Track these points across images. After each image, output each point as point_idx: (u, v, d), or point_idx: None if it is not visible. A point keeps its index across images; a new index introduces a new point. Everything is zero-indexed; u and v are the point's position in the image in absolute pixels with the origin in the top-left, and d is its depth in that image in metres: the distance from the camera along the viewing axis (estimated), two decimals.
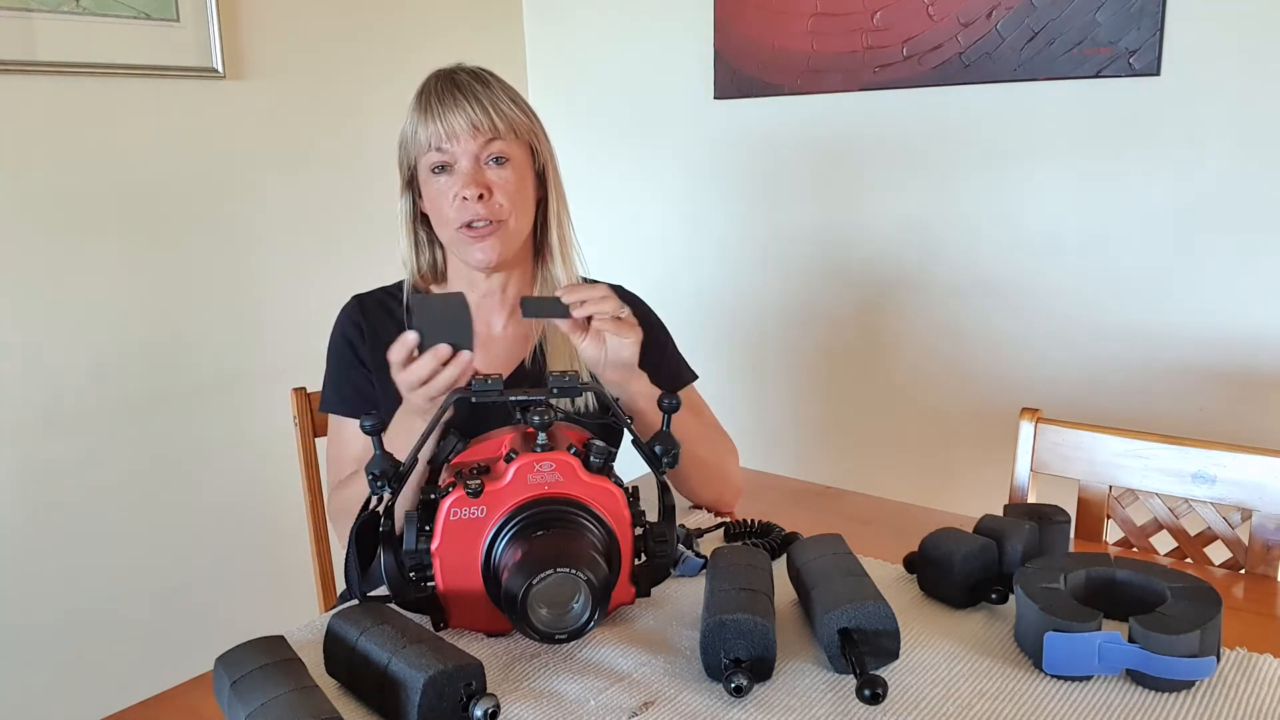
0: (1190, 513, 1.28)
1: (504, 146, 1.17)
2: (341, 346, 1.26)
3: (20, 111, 1.63)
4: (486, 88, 1.17)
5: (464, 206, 1.15)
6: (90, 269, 1.74)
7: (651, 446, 0.98)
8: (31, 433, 1.70)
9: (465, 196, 1.14)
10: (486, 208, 1.15)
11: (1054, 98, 1.72)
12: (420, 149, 1.17)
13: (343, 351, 1.25)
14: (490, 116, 1.15)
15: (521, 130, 1.19)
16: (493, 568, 0.89)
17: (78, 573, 1.75)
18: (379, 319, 1.25)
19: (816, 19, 1.95)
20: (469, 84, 1.16)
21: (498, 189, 1.16)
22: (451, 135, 1.15)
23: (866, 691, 0.80)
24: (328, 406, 1.26)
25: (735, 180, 2.16)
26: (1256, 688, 0.83)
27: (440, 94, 1.16)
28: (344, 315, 1.27)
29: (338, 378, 1.26)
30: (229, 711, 0.76)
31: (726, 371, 2.22)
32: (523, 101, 1.21)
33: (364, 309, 1.26)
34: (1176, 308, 1.67)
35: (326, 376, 1.27)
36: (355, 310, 1.27)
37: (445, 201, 1.16)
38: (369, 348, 1.23)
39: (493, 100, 1.16)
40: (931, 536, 1.01)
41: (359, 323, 1.25)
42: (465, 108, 1.14)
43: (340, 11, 2.04)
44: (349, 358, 1.24)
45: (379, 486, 0.92)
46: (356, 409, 1.23)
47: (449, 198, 1.16)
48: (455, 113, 1.14)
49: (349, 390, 1.24)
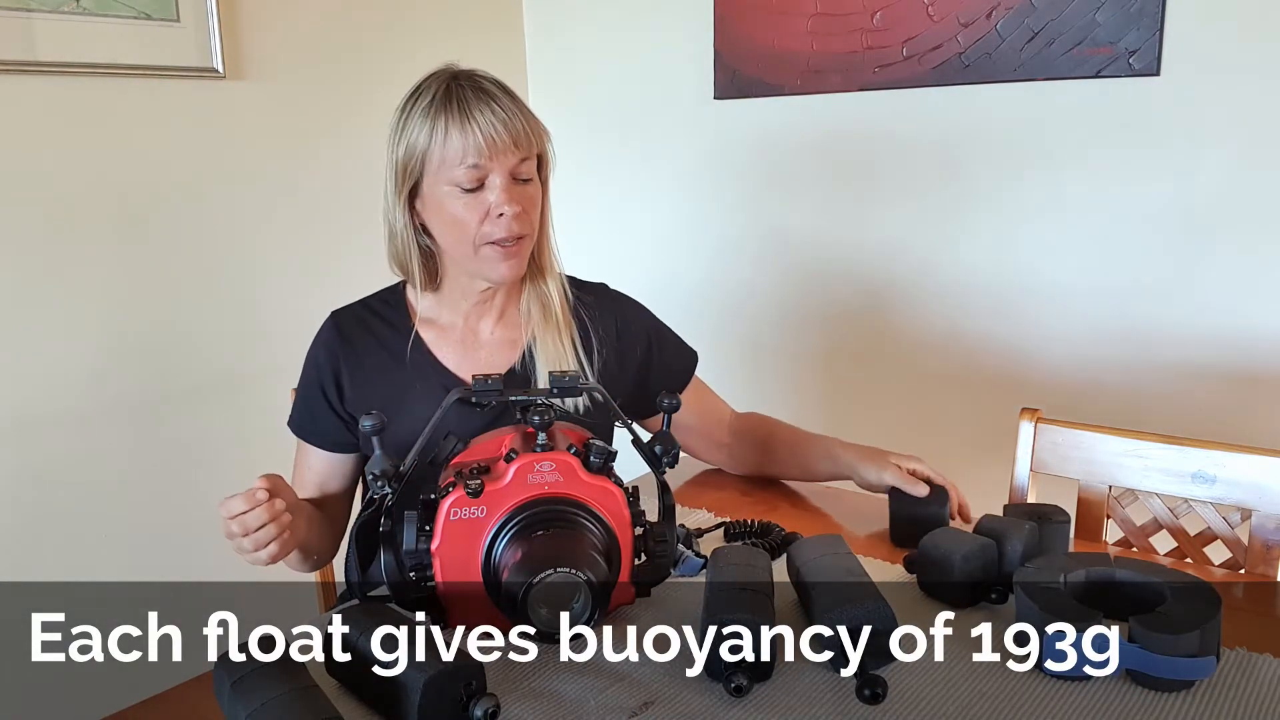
0: (1190, 513, 1.28)
1: (531, 165, 1.14)
2: (311, 371, 1.23)
3: (20, 111, 1.63)
4: (509, 96, 1.12)
5: (499, 223, 1.11)
6: (90, 268, 1.74)
7: (651, 446, 0.98)
8: (31, 432, 1.70)
9: (504, 213, 1.10)
10: (520, 223, 1.12)
11: (1054, 98, 1.72)
12: (448, 161, 1.10)
13: (311, 378, 1.23)
14: (528, 129, 1.11)
15: (539, 141, 1.15)
16: (493, 567, 0.89)
17: (77, 573, 1.75)
18: (357, 337, 1.22)
19: (816, 19, 1.95)
20: (498, 93, 1.11)
21: (528, 205, 1.13)
22: (493, 148, 1.09)
23: (866, 691, 0.80)
24: (292, 424, 1.25)
25: (735, 180, 2.16)
26: (1256, 688, 0.83)
27: (467, 104, 1.09)
28: (320, 339, 1.23)
29: (302, 401, 1.24)
30: (229, 711, 0.76)
31: (726, 371, 2.21)
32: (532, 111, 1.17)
33: (340, 332, 1.22)
34: (1176, 307, 1.67)
35: (297, 394, 1.25)
36: (331, 334, 1.22)
37: (473, 216, 1.11)
38: (346, 374, 1.20)
39: (521, 111, 1.12)
40: (931, 536, 1.01)
41: (334, 350, 1.21)
42: (507, 119, 1.09)
43: (340, 11, 2.04)
44: (314, 387, 1.22)
45: (379, 486, 0.92)
46: (312, 438, 1.23)
47: (479, 213, 1.11)
48: (498, 125, 1.08)
49: (307, 417, 1.23)
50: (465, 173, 1.10)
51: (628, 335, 1.29)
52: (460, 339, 1.23)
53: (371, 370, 1.21)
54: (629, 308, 1.32)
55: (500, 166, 1.10)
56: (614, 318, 1.28)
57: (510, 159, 1.11)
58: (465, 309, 1.22)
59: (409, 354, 1.20)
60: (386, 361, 1.21)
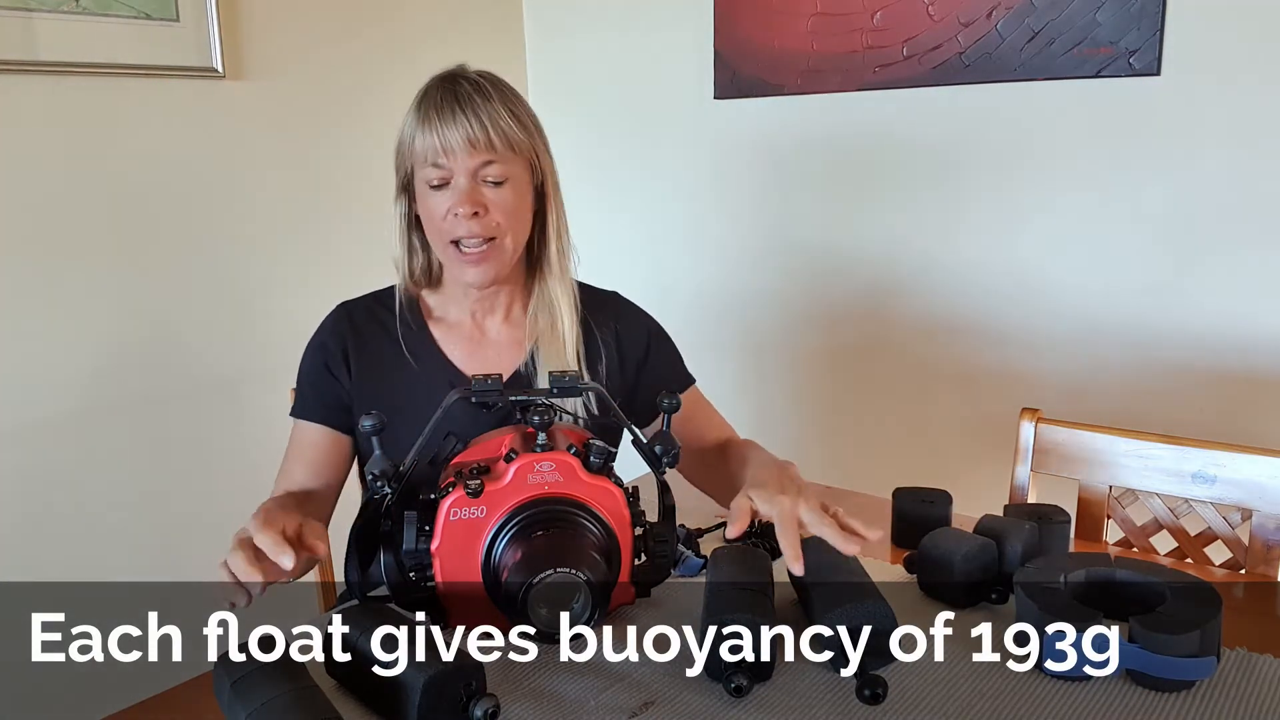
0: (1190, 513, 1.28)
1: (501, 169, 1.13)
2: (316, 354, 1.23)
3: (20, 111, 1.63)
4: (487, 101, 1.13)
5: (456, 223, 1.13)
6: (90, 268, 1.74)
7: (651, 446, 0.98)
8: (31, 433, 1.70)
9: (458, 213, 1.12)
10: (481, 224, 1.13)
11: (1054, 98, 1.72)
12: (417, 159, 1.14)
13: (315, 359, 1.23)
14: (488, 133, 1.12)
15: (521, 147, 1.15)
16: (493, 568, 0.89)
17: (77, 573, 1.75)
18: (368, 329, 1.23)
19: (816, 19, 1.95)
20: (469, 96, 1.12)
21: (494, 207, 1.13)
22: (449, 150, 1.11)
23: (867, 691, 0.80)
24: (292, 412, 1.25)
25: (735, 180, 2.16)
26: (1256, 688, 0.83)
27: (440, 105, 1.12)
28: (327, 325, 1.25)
29: (303, 384, 1.24)
30: (229, 711, 0.76)
31: (726, 371, 2.22)
32: (524, 113, 1.17)
33: (351, 320, 1.24)
34: (1176, 307, 1.67)
35: (298, 381, 1.25)
36: (341, 321, 1.24)
37: (438, 214, 1.14)
38: (355, 360, 1.21)
39: (492, 115, 1.12)
40: (931, 536, 1.01)
41: (343, 334, 1.22)
42: (463, 123, 1.11)
43: (340, 11, 2.04)
44: (319, 366, 1.22)
45: (379, 486, 0.92)
46: (314, 414, 1.22)
47: (442, 212, 1.14)
48: (453, 128, 1.11)
49: (310, 397, 1.23)
50: (431, 171, 1.13)
51: (628, 340, 1.28)
52: (468, 336, 1.24)
53: (379, 361, 1.21)
54: (632, 314, 1.32)
55: (460, 167, 1.12)
56: (615, 323, 1.28)
57: (470, 161, 1.12)
58: (469, 305, 1.23)
59: (418, 349, 1.22)
60: (394, 354, 1.21)
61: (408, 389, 1.20)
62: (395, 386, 1.20)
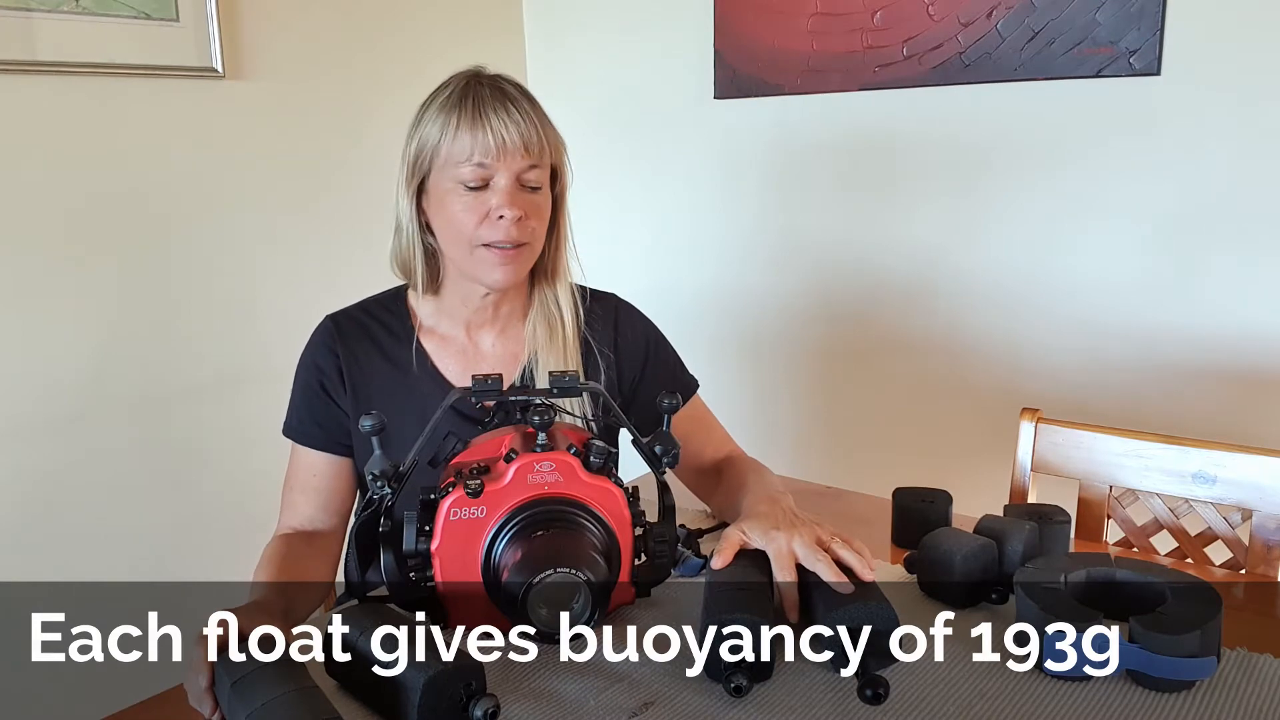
0: (1190, 513, 1.28)
1: (540, 173, 1.12)
2: (309, 374, 1.19)
3: (20, 111, 1.63)
4: (532, 105, 1.11)
5: (497, 226, 1.09)
6: (89, 268, 1.74)
7: (651, 446, 0.97)
8: (31, 433, 1.70)
9: (503, 215, 1.08)
10: (519, 229, 1.10)
11: (1054, 98, 1.72)
12: (454, 158, 1.09)
13: (309, 380, 1.19)
14: (541, 137, 1.10)
15: (556, 153, 1.14)
16: (493, 568, 0.89)
17: (77, 573, 1.75)
18: (356, 342, 1.19)
19: (816, 19, 1.95)
20: (516, 97, 1.10)
21: (531, 211, 1.11)
22: (501, 149, 1.07)
23: (868, 691, 0.80)
24: (288, 431, 1.21)
25: (735, 180, 2.16)
26: (1256, 688, 0.83)
27: (491, 102, 1.08)
28: (317, 340, 1.20)
29: (300, 405, 1.20)
30: (229, 711, 0.76)
31: (727, 371, 2.22)
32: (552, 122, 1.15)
33: (340, 332, 1.19)
34: (1176, 307, 1.67)
35: (292, 400, 1.21)
36: (330, 335, 1.19)
37: (472, 217, 1.10)
38: (346, 375, 1.17)
39: (541, 119, 1.11)
40: (931, 536, 1.01)
41: (334, 350, 1.18)
42: (518, 122, 1.07)
43: (340, 12, 2.04)
44: (314, 388, 1.18)
45: (379, 487, 0.92)
46: (315, 441, 1.18)
47: (479, 213, 1.09)
48: (510, 126, 1.07)
49: (309, 422, 1.19)
50: (471, 170, 1.09)
51: (626, 352, 1.26)
52: (461, 350, 1.21)
53: (371, 375, 1.18)
54: (630, 320, 1.29)
55: (506, 169, 1.09)
56: (613, 327, 1.26)
57: (518, 163, 1.09)
58: (465, 318, 1.20)
59: (411, 363, 1.18)
60: (386, 367, 1.18)
61: (399, 401, 1.16)
62: (387, 398, 1.17)
